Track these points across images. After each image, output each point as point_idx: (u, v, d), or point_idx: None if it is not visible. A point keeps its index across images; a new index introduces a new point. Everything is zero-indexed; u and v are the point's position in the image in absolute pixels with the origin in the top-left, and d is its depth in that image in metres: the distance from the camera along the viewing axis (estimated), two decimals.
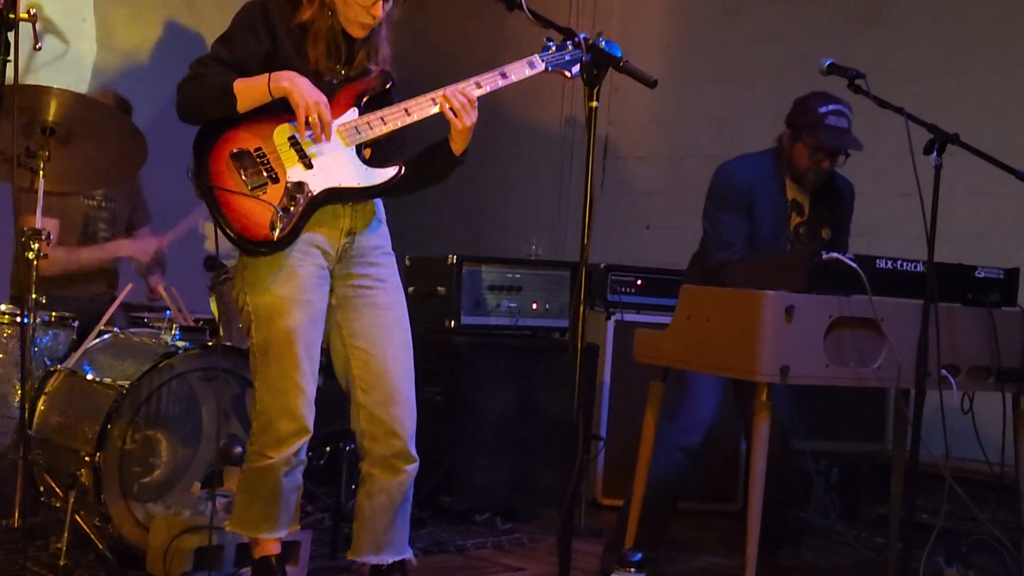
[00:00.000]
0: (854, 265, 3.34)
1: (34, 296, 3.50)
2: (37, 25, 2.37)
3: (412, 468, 3.20)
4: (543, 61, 3.12)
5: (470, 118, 3.09)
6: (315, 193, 3.04)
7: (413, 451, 3.19)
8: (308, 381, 3.08)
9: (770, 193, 4.03)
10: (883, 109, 3.57)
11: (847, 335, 3.37)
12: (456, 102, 3.07)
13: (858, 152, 4.00)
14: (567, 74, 3.12)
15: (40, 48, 2.45)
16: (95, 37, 5.71)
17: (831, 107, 3.95)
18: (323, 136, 3.03)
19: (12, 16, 2.29)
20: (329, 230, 3.13)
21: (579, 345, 2.81)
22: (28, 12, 2.36)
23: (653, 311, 5.12)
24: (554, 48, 3.12)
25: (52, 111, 3.62)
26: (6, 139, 2.26)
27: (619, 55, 2.83)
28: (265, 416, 3.10)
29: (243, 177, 3.00)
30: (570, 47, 3.10)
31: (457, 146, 3.17)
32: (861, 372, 3.39)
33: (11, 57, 2.29)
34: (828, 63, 3.77)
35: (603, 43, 2.85)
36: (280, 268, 3.05)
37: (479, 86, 3.12)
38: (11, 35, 2.29)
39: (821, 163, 4.00)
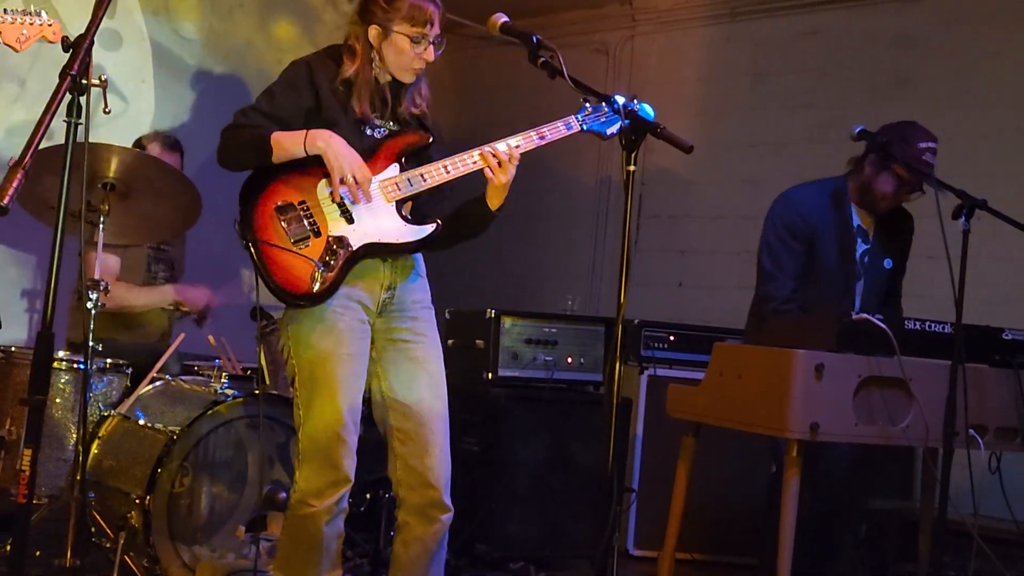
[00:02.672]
0: (883, 326, 3.32)
1: (91, 344, 3.55)
2: (107, 90, 2.43)
3: (447, 518, 3.18)
4: (579, 122, 3.13)
5: (508, 175, 3.09)
6: (355, 248, 3.04)
7: (448, 501, 3.17)
8: (350, 432, 3.07)
9: (836, 222, 4.00)
10: None
11: (876, 394, 3.34)
12: (493, 160, 3.07)
13: None
14: (602, 135, 3.13)
15: (109, 112, 2.51)
16: (153, 98, 5.83)
17: (930, 144, 3.92)
18: (359, 195, 3.04)
19: (85, 82, 2.35)
20: (370, 284, 3.13)
21: (614, 399, 2.81)
22: (100, 78, 2.42)
23: (685, 366, 5.10)
24: (590, 110, 3.13)
25: (112, 167, 3.69)
26: (72, 195, 2.31)
27: (652, 117, 2.85)
28: (308, 466, 3.08)
29: (286, 230, 3.01)
30: (605, 109, 3.12)
31: (494, 201, 3.16)
32: (889, 430, 3.36)
33: (82, 120, 2.34)
34: (859, 129, 3.78)
35: (637, 106, 2.87)
36: (322, 322, 3.06)
37: (517, 145, 3.12)
38: (83, 99, 2.34)
39: (906, 196, 3.97)
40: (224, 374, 3.95)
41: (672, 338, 5.22)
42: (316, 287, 2.99)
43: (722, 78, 6.41)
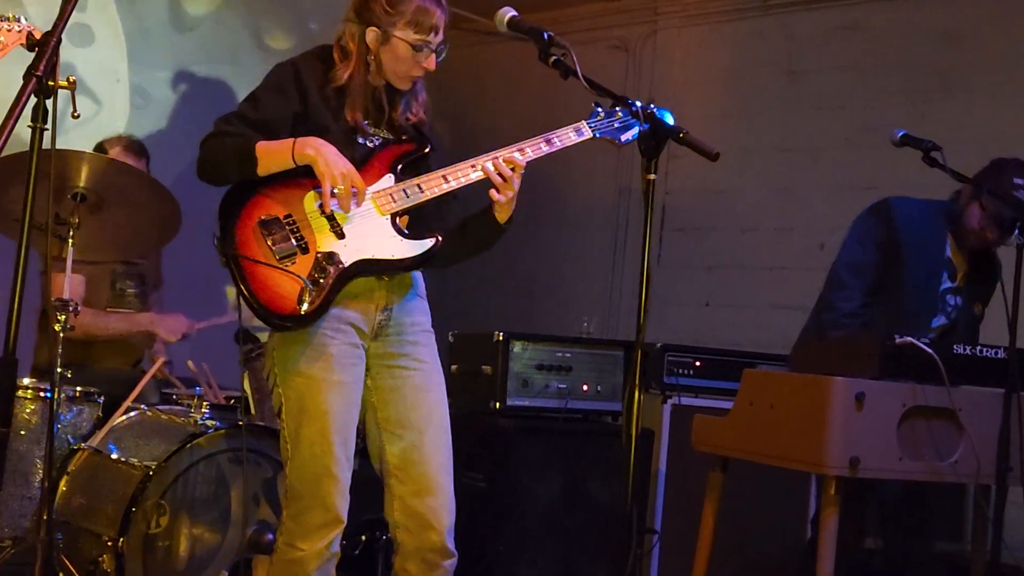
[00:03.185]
0: (929, 351, 3.31)
1: (59, 370, 3.54)
2: (76, 92, 2.43)
3: (450, 564, 3.15)
4: (591, 128, 3.13)
5: (513, 188, 3.07)
6: (346, 265, 3.02)
7: (451, 545, 3.15)
8: (342, 468, 3.06)
9: (929, 241, 4.01)
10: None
11: (922, 426, 3.33)
12: (496, 175, 3.06)
13: None
14: (616, 142, 3.13)
15: (79, 116, 2.52)
16: (128, 99, 5.84)
17: None
18: (352, 206, 3.03)
19: (51, 83, 2.35)
20: (363, 305, 3.12)
21: (633, 430, 2.80)
22: (68, 80, 2.42)
23: (712, 395, 5.08)
24: (603, 114, 3.12)
25: (83, 176, 3.69)
26: (38, 206, 2.31)
27: (671, 124, 2.84)
28: (296, 505, 3.08)
29: (271, 246, 3.00)
30: (619, 114, 3.10)
31: (501, 215, 3.15)
32: (937, 466, 3.35)
33: (48, 125, 2.34)
34: (901, 134, 3.78)
35: (654, 110, 2.84)
36: (312, 347, 3.05)
37: (523, 153, 3.10)
38: (49, 102, 2.34)
39: (988, 232, 3.97)
40: (205, 403, 3.96)
41: (698, 363, 5.21)
42: (304, 308, 2.97)
43: (752, 77, 6.42)
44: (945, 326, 4.11)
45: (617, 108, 3.09)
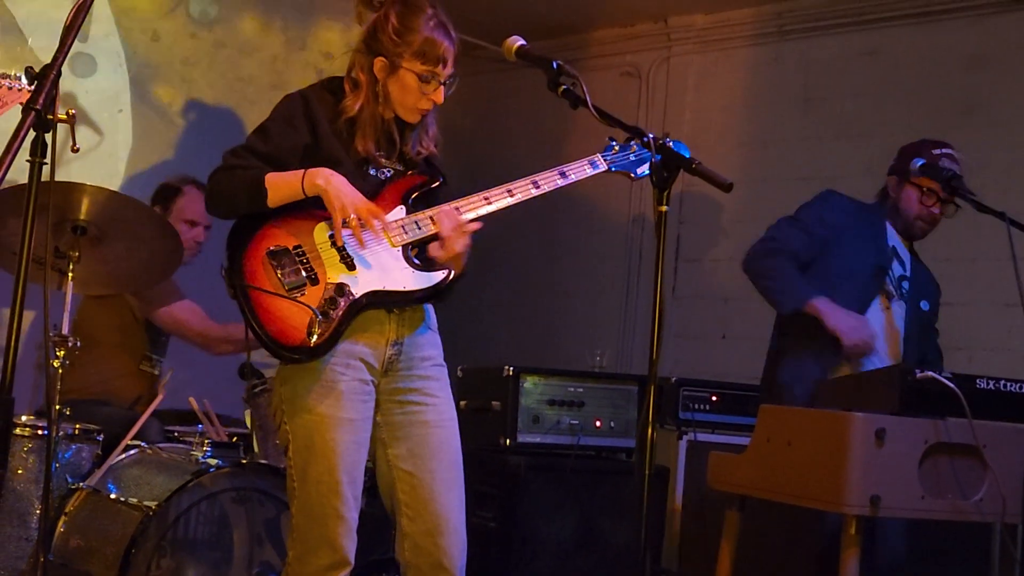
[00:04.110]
0: (952, 385, 3.31)
1: (57, 407, 3.56)
2: (75, 125, 2.46)
3: None
4: (606, 161, 3.16)
5: (453, 251, 3.08)
6: (357, 296, 3.05)
7: None
8: (350, 508, 3.07)
9: (871, 232, 4.23)
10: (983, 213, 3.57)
11: (945, 463, 3.33)
12: (445, 228, 3.06)
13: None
14: (631, 175, 3.16)
15: (78, 150, 2.54)
16: (131, 130, 5.87)
17: (944, 150, 4.15)
18: (365, 239, 3.06)
19: (50, 117, 2.37)
20: (373, 339, 3.13)
21: (647, 468, 2.80)
22: (67, 113, 2.44)
23: (730, 431, 5.08)
24: (617, 148, 3.16)
25: (84, 209, 3.72)
26: (37, 240, 2.33)
27: (688, 156, 2.86)
28: (301, 546, 3.08)
29: (280, 277, 3.02)
30: (634, 147, 3.13)
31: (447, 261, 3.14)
32: (961, 505, 3.34)
33: (47, 159, 2.37)
34: (921, 163, 3.81)
35: (670, 144, 2.85)
36: (320, 383, 3.06)
37: (536, 186, 3.13)
38: (48, 136, 2.36)
39: (933, 207, 4.15)
40: (207, 441, 3.96)
41: (714, 398, 5.21)
42: (314, 339, 2.98)
43: (768, 104, 6.44)
44: (909, 317, 4.25)
45: (631, 141, 3.11)
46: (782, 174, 6.27)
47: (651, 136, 2.86)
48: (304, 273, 3.04)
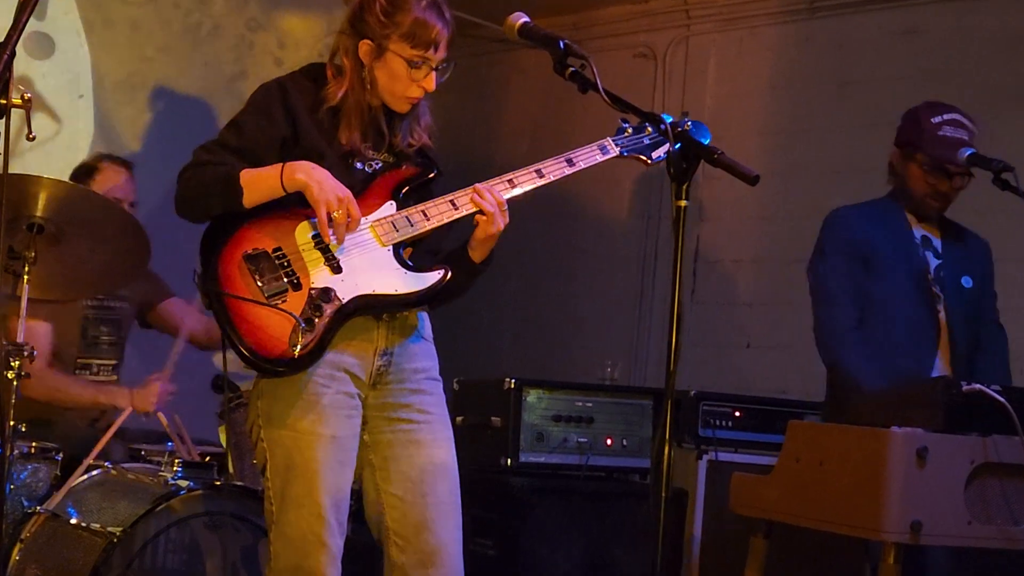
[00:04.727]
0: (1001, 399, 3.31)
1: (12, 423, 3.56)
2: (31, 111, 2.45)
3: None
4: (617, 146, 3.16)
5: (491, 229, 3.11)
6: (344, 302, 3.04)
7: None
8: (333, 534, 3.06)
9: (897, 236, 4.13)
10: None
11: (993, 485, 3.33)
12: (488, 203, 3.08)
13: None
14: (646, 160, 3.16)
15: (33, 138, 2.53)
16: (92, 117, 5.87)
17: (946, 116, 4.04)
18: (350, 238, 3.06)
19: (3, 102, 2.37)
20: (360, 349, 3.13)
21: (663, 490, 2.79)
22: (22, 97, 2.44)
23: (754, 450, 5.08)
24: (630, 130, 3.16)
25: (41, 205, 3.71)
26: None
27: (707, 140, 2.84)
28: (281, 575, 3.08)
29: (259, 283, 3.01)
30: (649, 129, 3.13)
31: (478, 252, 3.18)
32: (1011, 531, 3.34)
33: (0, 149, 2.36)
34: (968, 153, 3.81)
35: (689, 124, 2.84)
36: (301, 396, 3.06)
37: (541, 175, 3.14)
38: (1, 123, 2.36)
39: (938, 186, 4.06)
40: (177, 460, 3.96)
41: (737, 414, 5.21)
42: (297, 350, 2.98)
43: (797, 88, 6.44)
44: (952, 308, 4.17)
45: (646, 124, 3.10)
46: (812, 166, 6.28)
47: (669, 123, 2.81)
48: (285, 278, 3.03)
